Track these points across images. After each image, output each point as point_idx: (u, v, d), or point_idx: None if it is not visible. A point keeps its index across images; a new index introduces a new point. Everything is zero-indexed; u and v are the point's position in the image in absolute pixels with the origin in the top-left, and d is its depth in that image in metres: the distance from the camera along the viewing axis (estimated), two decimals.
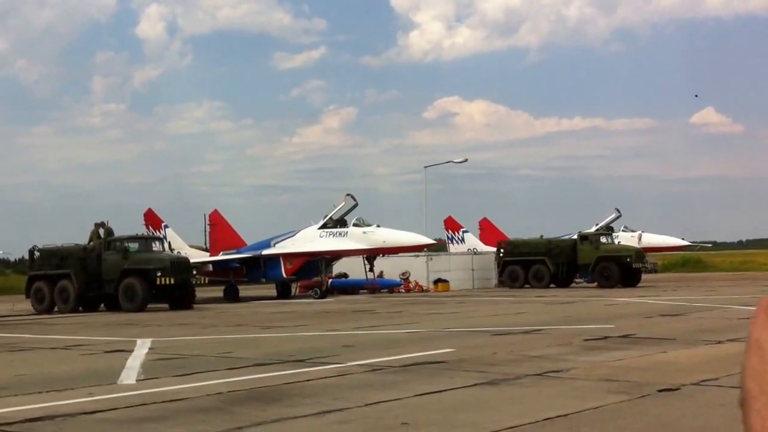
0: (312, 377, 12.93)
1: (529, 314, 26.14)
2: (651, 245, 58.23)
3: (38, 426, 9.54)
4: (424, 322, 23.58)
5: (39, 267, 36.21)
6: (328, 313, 29.53)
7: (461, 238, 63.99)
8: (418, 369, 13.59)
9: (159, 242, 37.80)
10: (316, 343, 18.03)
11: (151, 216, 48.53)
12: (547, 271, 47.45)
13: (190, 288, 35.82)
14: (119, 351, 17.36)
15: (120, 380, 13.07)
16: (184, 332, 22.25)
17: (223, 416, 9.93)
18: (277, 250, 42.71)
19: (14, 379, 13.59)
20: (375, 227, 42.14)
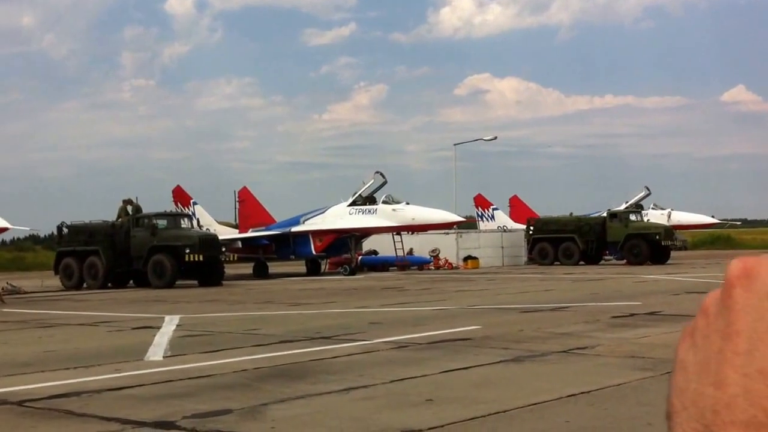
0: (338, 354, 12.94)
1: (558, 291, 26.03)
2: (680, 223, 57.78)
3: (64, 402, 9.60)
4: (452, 300, 23.53)
5: (67, 243, 36.48)
6: (357, 290, 29.55)
7: (491, 215, 63.81)
8: (444, 346, 13.56)
9: (187, 219, 37.94)
10: (344, 320, 18.04)
11: (179, 193, 48.69)
12: (576, 248, 47.25)
13: (219, 265, 35.95)
14: (147, 327, 17.47)
15: (147, 357, 13.14)
16: (212, 309, 22.35)
17: (249, 393, 9.95)
18: (307, 227, 42.75)
19: (42, 355, 13.71)
20: (404, 204, 42.08)
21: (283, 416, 8.67)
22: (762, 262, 0.55)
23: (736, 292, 0.55)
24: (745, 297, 0.55)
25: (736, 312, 0.55)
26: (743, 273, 0.55)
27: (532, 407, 8.80)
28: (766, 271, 0.54)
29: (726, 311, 0.55)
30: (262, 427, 8.18)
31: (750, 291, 0.55)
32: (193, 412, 8.87)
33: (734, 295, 0.55)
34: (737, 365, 0.53)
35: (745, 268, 0.55)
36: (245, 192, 48.98)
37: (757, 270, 0.55)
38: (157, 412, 8.91)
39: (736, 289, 0.55)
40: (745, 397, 0.52)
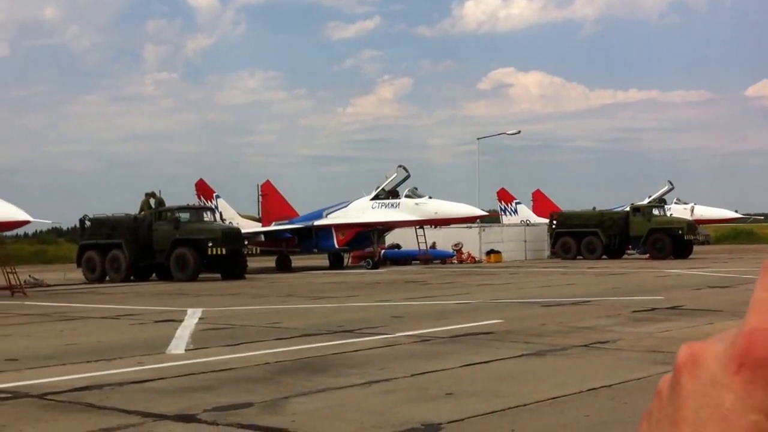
0: (359, 348, 12.93)
1: (580, 285, 25.92)
2: (703, 217, 57.46)
3: (86, 395, 9.64)
4: (474, 293, 23.48)
5: (90, 236, 36.67)
6: (380, 283, 29.54)
7: (514, 209, 63.67)
8: (466, 340, 13.52)
9: (210, 212, 38.07)
10: (366, 314, 18.03)
11: (202, 186, 48.86)
12: (599, 242, 47.08)
13: (242, 258, 36.03)
14: (169, 320, 17.52)
15: (169, 350, 13.17)
16: (235, 302, 22.40)
17: (270, 386, 9.96)
18: (330, 221, 42.80)
19: (64, 348, 13.77)
20: (427, 198, 42.05)
21: (304, 410, 8.67)
22: (707, 348, 0.56)
23: (684, 378, 0.56)
24: (691, 383, 0.55)
25: (683, 398, 0.55)
26: (690, 359, 0.56)
27: (553, 401, 8.76)
28: (711, 357, 0.55)
29: (674, 397, 0.56)
30: (282, 421, 8.17)
31: (695, 377, 0.55)
32: (214, 405, 8.88)
33: (682, 381, 0.56)
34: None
35: (691, 354, 0.57)
36: (268, 185, 49.09)
37: (703, 356, 0.56)
38: (179, 405, 8.92)
39: (684, 375, 0.56)
40: None
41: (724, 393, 0.53)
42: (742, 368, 0.53)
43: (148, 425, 8.16)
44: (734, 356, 0.54)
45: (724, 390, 0.53)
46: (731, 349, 0.54)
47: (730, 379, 0.53)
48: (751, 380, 0.52)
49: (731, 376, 0.53)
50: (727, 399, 0.53)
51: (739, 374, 0.53)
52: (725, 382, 0.53)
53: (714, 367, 0.55)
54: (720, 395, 0.53)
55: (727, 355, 0.54)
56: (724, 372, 0.54)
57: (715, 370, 0.54)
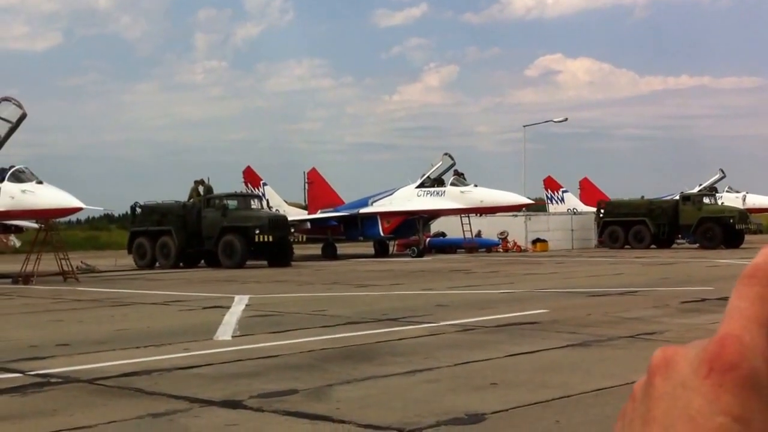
0: (404, 336, 12.98)
1: (627, 275, 25.72)
2: (756, 206, 56.57)
3: (135, 380, 9.80)
4: (519, 283, 23.42)
5: (140, 223, 37.17)
6: (424, 272, 29.57)
7: (561, 197, 63.25)
8: (510, 330, 13.51)
9: (257, 200, 38.35)
10: (410, 302, 18.07)
11: (250, 173, 49.18)
12: (647, 231, 46.61)
13: (288, 245, 36.26)
14: (217, 307, 17.71)
15: (216, 336, 13.33)
16: (281, 289, 22.57)
17: (315, 373, 10.04)
18: (375, 209, 42.88)
19: (114, 333, 13.99)
20: (472, 186, 41.95)
21: (349, 397, 8.74)
22: (680, 352, 0.59)
23: (656, 380, 0.58)
24: (663, 385, 0.58)
25: (655, 399, 0.58)
26: (663, 362, 0.59)
27: (598, 392, 8.73)
28: (682, 360, 0.58)
29: (647, 398, 0.59)
30: (327, 408, 8.24)
31: (667, 379, 0.58)
32: (260, 391, 8.98)
33: (654, 383, 0.58)
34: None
35: (664, 357, 0.59)
36: (314, 173, 49.28)
37: (676, 360, 0.58)
38: (225, 391, 9.04)
39: (657, 378, 0.58)
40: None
41: (694, 395, 0.55)
42: (712, 372, 0.55)
43: (195, 411, 8.29)
44: (705, 360, 0.56)
45: (694, 392, 0.55)
46: (702, 353, 0.57)
47: (700, 382, 0.56)
48: (720, 384, 0.55)
49: (701, 380, 0.56)
50: (696, 401, 0.55)
51: (709, 378, 0.55)
52: (695, 385, 0.56)
53: (685, 370, 0.57)
54: (690, 397, 0.55)
55: (698, 360, 0.57)
56: (695, 375, 0.56)
57: (686, 374, 0.57)
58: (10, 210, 28.30)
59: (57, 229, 32.02)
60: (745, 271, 0.61)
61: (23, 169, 28.71)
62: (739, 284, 0.61)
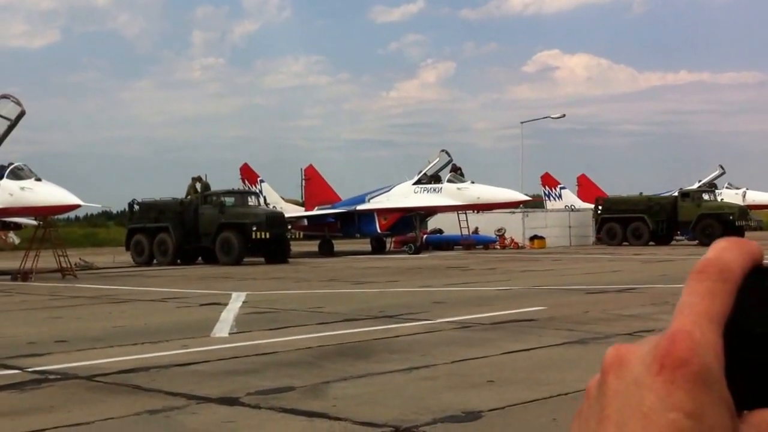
0: (401, 333, 12.99)
1: (626, 272, 25.74)
2: (755, 203, 56.49)
3: (132, 377, 9.81)
4: (517, 280, 23.44)
5: (138, 220, 37.19)
6: (421, 268, 29.59)
7: (558, 194, 63.26)
8: (508, 327, 13.53)
9: (254, 197, 38.36)
10: (407, 299, 18.09)
11: (247, 170, 49.18)
12: (646, 228, 46.58)
13: (285, 242, 36.30)
14: (214, 304, 17.72)
15: (213, 333, 13.35)
16: (278, 286, 22.58)
17: (312, 370, 10.06)
18: (372, 206, 42.87)
19: (112, 330, 14.01)
20: (469, 183, 41.94)
21: (345, 394, 8.75)
22: (632, 349, 0.59)
23: (609, 379, 0.58)
24: (616, 383, 0.57)
25: (608, 397, 0.57)
26: (616, 360, 0.59)
27: None
28: (634, 358, 0.58)
29: (601, 396, 0.58)
30: (324, 405, 8.26)
31: (620, 378, 0.57)
32: (257, 388, 9.00)
33: (608, 381, 0.58)
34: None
35: (617, 355, 0.59)
36: (311, 170, 49.29)
37: (628, 358, 0.58)
38: (222, 388, 9.05)
39: (610, 376, 0.58)
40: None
41: (646, 392, 0.55)
42: (664, 369, 0.56)
43: (192, 407, 8.30)
44: (657, 357, 0.56)
45: (646, 390, 0.56)
46: (654, 350, 0.57)
47: (652, 379, 0.56)
48: (671, 380, 0.55)
49: (653, 377, 0.56)
50: (649, 398, 0.55)
51: (661, 374, 0.55)
52: (647, 382, 0.56)
53: (638, 368, 0.57)
54: (642, 394, 0.56)
55: (650, 357, 0.57)
56: (647, 372, 0.56)
57: (638, 371, 0.57)
58: (9, 207, 28.33)
59: (55, 226, 32.04)
60: (695, 267, 0.61)
61: (22, 166, 28.73)
62: (690, 280, 0.61)
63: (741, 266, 0.60)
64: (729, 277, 0.60)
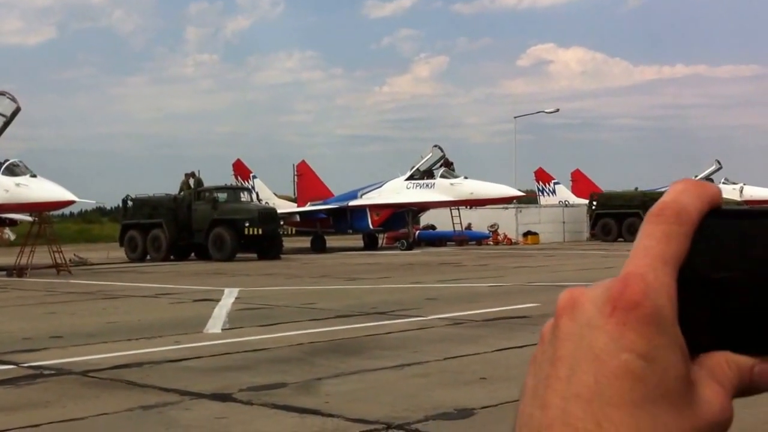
0: (393, 330, 13.04)
1: (619, 269, 25.41)
2: (753, 198, 56.39)
3: (126, 372, 9.87)
4: (510, 276, 23.50)
5: (132, 216, 37.21)
6: (414, 265, 29.63)
7: (552, 189, 63.27)
8: (500, 324, 13.59)
9: (247, 192, 38.42)
10: (399, 296, 18.15)
11: (239, 166, 49.19)
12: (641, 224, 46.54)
13: (278, 238, 36.36)
14: (207, 300, 17.77)
15: (206, 329, 13.41)
16: (270, 282, 22.63)
17: (304, 367, 10.11)
18: (364, 201, 42.87)
19: (105, 326, 14.07)
20: (462, 178, 41.96)
21: (337, 391, 8.81)
22: (586, 293, 0.59)
23: (563, 322, 0.58)
24: (569, 326, 0.58)
25: (561, 340, 0.58)
26: (569, 303, 0.59)
27: None
28: (587, 300, 0.58)
29: (554, 339, 0.59)
30: (316, 402, 8.32)
31: (573, 320, 0.58)
32: (249, 384, 9.06)
33: (561, 325, 0.58)
34: (558, 390, 0.56)
35: (571, 298, 0.59)
36: (303, 166, 49.29)
37: (581, 300, 0.58)
38: (215, 384, 9.11)
39: (563, 319, 0.59)
40: (561, 419, 0.55)
41: (599, 334, 0.56)
42: (616, 311, 0.56)
43: (185, 403, 8.36)
44: (609, 299, 0.57)
45: (599, 331, 0.57)
46: (607, 293, 0.58)
47: (604, 321, 0.57)
48: (623, 322, 0.56)
49: (605, 318, 0.57)
50: (601, 339, 0.56)
51: (613, 316, 0.56)
52: (600, 324, 0.57)
53: (590, 310, 0.58)
54: (595, 336, 0.57)
55: (602, 299, 0.58)
56: (600, 314, 0.57)
57: (591, 313, 0.58)
58: (5, 203, 28.40)
59: (50, 222, 32.06)
60: (652, 210, 0.60)
61: (17, 162, 28.81)
62: (646, 223, 0.60)
63: (698, 209, 0.59)
64: (685, 220, 0.59)
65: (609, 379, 0.55)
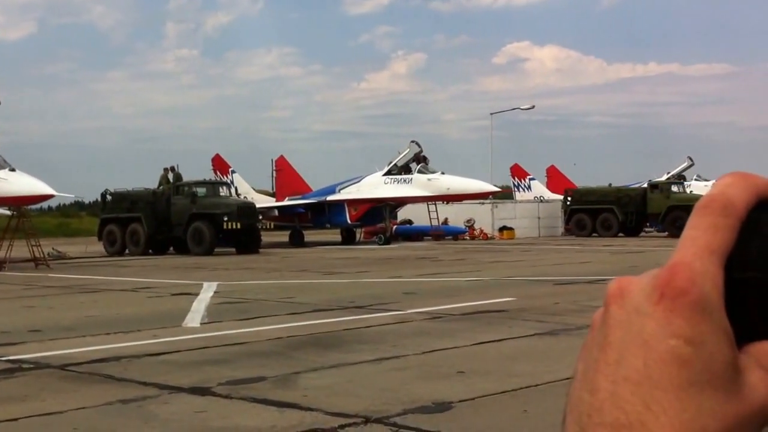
0: (371, 324, 13.09)
1: (595, 264, 25.95)
2: None
3: (104, 366, 9.86)
4: (486, 271, 23.59)
5: (111, 210, 37.04)
6: (391, 259, 29.68)
7: (528, 185, 63.54)
8: (478, 318, 13.65)
9: (226, 187, 38.30)
10: (377, 290, 18.18)
11: (218, 161, 49.07)
12: (615, 219, 46.82)
13: (256, 233, 36.31)
14: (185, 294, 17.74)
15: (185, 323, 13.40)
16: (249, 276, 22.61)
17: (282, 361, 10.14)
18: (342, 196, 42.86)
19: (84, 320, 14.02)
20: (439, 174, 42.03)
21: (316, 385, 8.84)
22: (634, 281, 0.61)
23: (612, 309, 0.61)
24: (618, 313, 0.60)
25: (610, 326, 0.60)
26: (618, 292, 0.61)
27: (566, 382, 8.85)
28: (636, 289, 0.61)
29: (604, 326, 0.61)
30: (294, 396, 8.34)
31: (622, 307, 0.60)
32: (228, 378, 9.07)
33: (610, 312, 0.61)
34: (607, 373, 0.59)
35: (619, 287, 0.62)
36: (282, 161, 49.23)
37: (630, 289, 0.61)
38: (193, 378, 9.12)
39: (612, 306, 0.61)
40: (611, 401, 0.58)
41: (647, 320, 0.59)
42: (663, 298, 0.59)
43: (164, 397, 8.37)
44: (657, 287, 0.59)
45: (647, 318, 0.59)
46: (654, 281, 0.60)
47: (652, 308, 0.59)
48: (671, 309, 0.58)
49: (653, 305, 0.59)
50: (649, 326, 0.59)
51: (661, 303, 0.59)
52: (648, 310, 0.59)
53: (639, 297, 0.60)
54: (643, 323, 0.59)
55: (650, 287, 0.60)
56: (648, 302, 0.59)
57: (639, 301, 0.60)
58: None
59: (29, 216, 31.87)
60: (699, 203, 0.62)
61: None
62: (694, 215, 0.62)
63: (745, 202, 0.61)
64: (732, 212, 0.60)
65: (657, 363, 0.58)
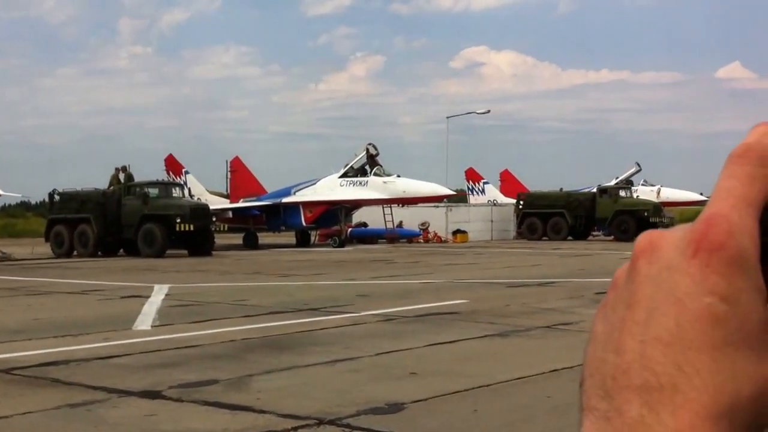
0: (325, 326, 13.06)
1: (545, 267, 26.16)
2: (669, 200, 57.56)
3: (53, 370, 9.70)
4: (440, 273, 23.66)
5: (59, 211, 36.45)
6: (346, 262, 29.66)
7: (482, 189, 63.87)
8: (431, 319, 13.68)
9: (179, 188, 37.93)
10: (332, 292, 18.14)
11: (171, 161, 48.62)
12: (565, 223, 47.34)
13: (210, 235, 35.99)
14: (136, 296, 17.54)
15: (135, 326, 13.24)
16: (202, 279, 22.42)
17: (236, 363, 10.06)
18: (298, 198, 42.73)
19: (31, 322, 13.78)
20: (395, 177, 42.09)
21: (269, 387, 8.78)
22: (665, 236, 0.57)
23: (640, 264, 0.56)
24: (647, 268, 0.56)
25: (639, 283, 0.56)
26: (648, 246, 0.57)
27: (516, 382, 8.93)
28: (667, 243, 0.56)
29: (631, 283, 0.56)
30: (247, 398, 8.28)
31: (652, 263, 0.56)
32: (180, 381, 8.97)
33: (638, 267, 0.56)
34: (635, 333, 0.54)
35: (650, 241, 0.57)
36: (237, 162, 48.94)
37: (660, 243, 0.56)
38: (144, 382, 9.00)
39: (640, 261, 0.57)
40: (640, 363, 0.53)
41: (680, 277, 0.54)
42: (699, 252, 0.54)
43: (113, 401, 8.25)
44: (692, 241, 0.55)
45: (680, 274, 0.54)
46: (689, 234, 0.55)
47: (687, 263, 0.54)
48: (707, 264, 0.53)
49: (688, 260, 0.54)
50: (683, 282, 0.54)
51: (696, 258, 0.54)
52: (682, 266, 0.54)
53: (671, 252, 0.55)
54: (675, 279, 0.54)
55: (685, 241, 0.55)
56: (682, 257, 0.55)
57: (672, 256, 0.55)
58: None
59: None
60: (735, 151, 0.57)
61: None
62: (729, 164, 0.57)
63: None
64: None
65: (690, 322, 0.53)
